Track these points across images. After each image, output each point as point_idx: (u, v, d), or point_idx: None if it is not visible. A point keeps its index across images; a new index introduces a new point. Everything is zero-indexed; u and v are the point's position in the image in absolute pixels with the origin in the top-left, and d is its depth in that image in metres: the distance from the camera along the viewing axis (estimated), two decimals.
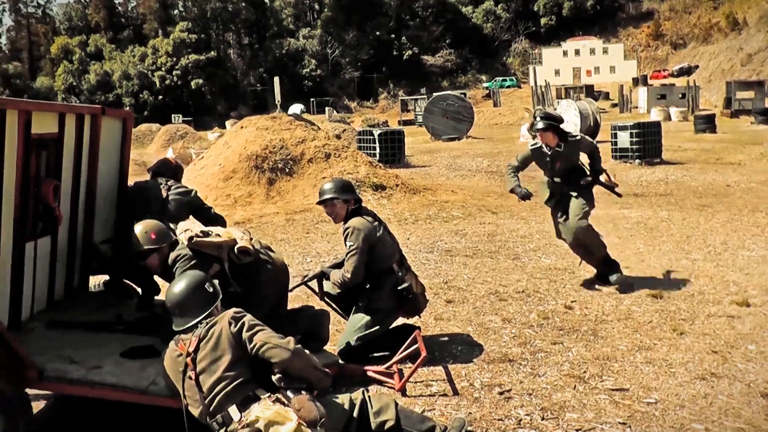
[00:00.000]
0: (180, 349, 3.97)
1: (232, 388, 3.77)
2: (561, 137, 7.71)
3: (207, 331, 3.92)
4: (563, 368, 5.54)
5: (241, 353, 3.85)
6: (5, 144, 4.46)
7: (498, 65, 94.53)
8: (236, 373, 3.81)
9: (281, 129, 16.44)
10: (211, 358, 3.85)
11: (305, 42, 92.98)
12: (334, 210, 5.90)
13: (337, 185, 5.96)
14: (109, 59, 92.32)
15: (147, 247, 5.05)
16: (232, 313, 3.98)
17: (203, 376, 3.84)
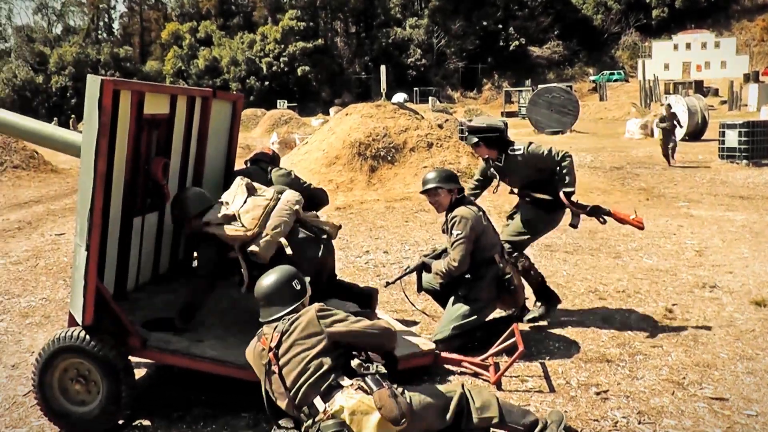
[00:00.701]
0: (263, 344, 4.03)
1: (315, 379, 3.80)
2: (499, 150, 6.45)
3: (290, 325, 3.98)
4: (662, 373, 5.39)
5: (326, 346, 3.88)
6: (118, 122, 4.65)
7: (606, 58, 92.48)
8: (318, 363, 3.83)
9: (385, 117, 16.51)
10: (294, 351, 3.89)
11: (411, 31, 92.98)
12: (438, 199, 5.89)
13: (441, 174, 5.93)
14: (218, 45, 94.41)
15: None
16: (318, 306, 4.04)
17: (286, 369, 3.88)
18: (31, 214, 14.40)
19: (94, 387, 4.54)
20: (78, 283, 4.39)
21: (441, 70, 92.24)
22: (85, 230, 4.27)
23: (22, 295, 8.17)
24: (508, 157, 6.36)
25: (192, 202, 5.06)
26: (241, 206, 4.94)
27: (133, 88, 4.82)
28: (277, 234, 4.88)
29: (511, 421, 3.97)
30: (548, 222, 6.63)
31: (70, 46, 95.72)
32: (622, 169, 20.19)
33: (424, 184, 5.94)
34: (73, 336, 4.45)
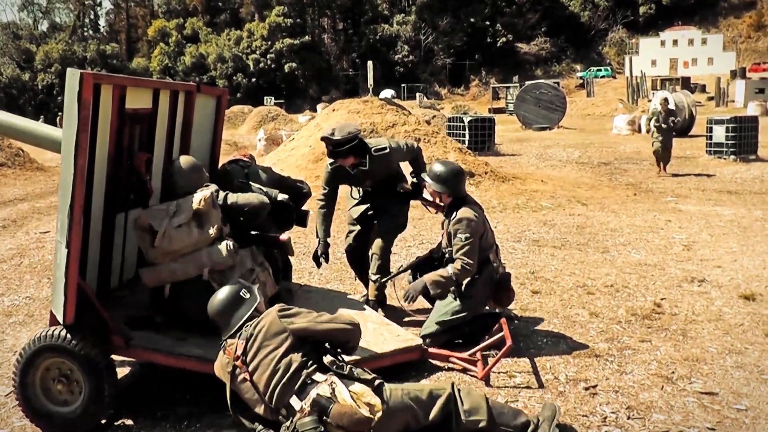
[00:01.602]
0: (228, 355, 3.99)
1: (287, 378, 3.76)
2: (361, 154, 6.25)
3: (253, 329, 3.95)
4: (651, 367, 5.37)
5: (292, 343, 3.86)
6: (99, 117, 4.57)
7: (593, 54, 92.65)
8: (287, 362, 3.80)
9: (372, 113, 16.44)
10: (261, 354, 3.86)
11: (399, 28, 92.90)
12: (435, 196, 5.87)
13: (439, 172, 5.82)
14: (204, 42, 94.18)
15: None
16: (279, 307, 4.02)
17: (257, 374, 3.85)
18: (16, 212, 14.27)
19: (77, 386, 4.47)
20: (59, 281, 4.31)
21: (428, 66, 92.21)
22: (65, 226, 4.19)
23: (6, 294, 8.08)
24: (373, 159, 6.24)
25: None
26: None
27: (114, 82, 4.75)
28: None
29: (502, 423, 3.92)
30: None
31: (57, 43, 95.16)
32: (609, 164, 20.23)
33: (428, 175, 5.81)
34: (54, 335, 4.38)
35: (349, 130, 6.02)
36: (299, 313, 3.99)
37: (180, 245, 4.65)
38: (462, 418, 3.84)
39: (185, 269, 4.68)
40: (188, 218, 4.68)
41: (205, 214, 4.72)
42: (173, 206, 4.76)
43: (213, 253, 4.66)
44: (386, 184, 6.48)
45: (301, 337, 3.89)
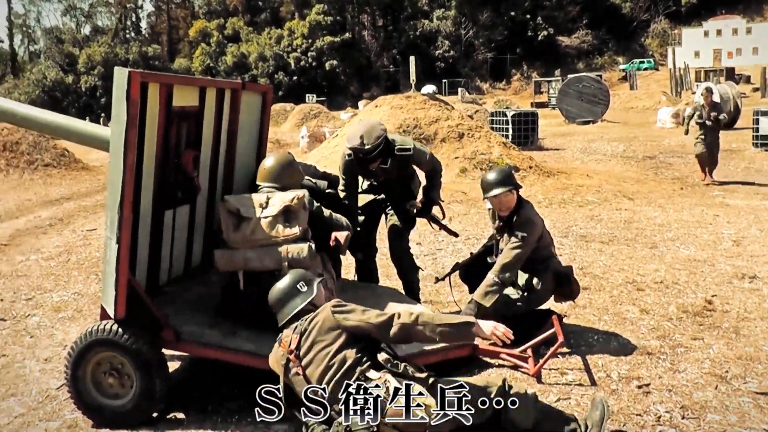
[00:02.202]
0: (282, 348, 4.01)
1: (341, 375, 3.74)
2: (387, 154, 6.02)
3: (308, 324, 3.95)
4: (704, 366, 5.27)
5: (346, 340, 3.83)
6: (147, 115, 4.62)
7: (635, 46, 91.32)
8: (341, 358, 3.78)
9: (415, 108, 16.44)
10: (315, 349, 3.85)
11: (439, 23, 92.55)
12: (506, 201, 5.73)
13: (506, 175, 5.79)
14: (245, 41, 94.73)
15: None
16: (334, 302, 4.00)
17: (310, 369, 3.84)
18: (63, 211, 14.51)
19: (128, 380, 4.54)
20: (109, 277, 4.37)
21: (469, 61, 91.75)
22: (115, 223, 4.25)
23: (54, 290, 8.23)
24: (394, 158, 6.07)
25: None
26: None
27: (161, 81, 4.80)
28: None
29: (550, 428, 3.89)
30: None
31: (99, 46, 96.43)
32: (654, 158, 19.96)
33: (494, 185, 5.70)
34: (105, 329, 4.45)
35: (376, 135, 5.85)
36: (354, 310, 3.95)
37: (263, 236, 4.69)
38: (511, 416, 3.81)
39: (261, 260, 4.68)
40: (278, 212, 4.73)
41: (294, 212, 4.76)
42: (264, 198, 4.82)
43: (294, 250, 4.67)
44: (400, 182, 6.37)
45: (355, 334, 3.87)
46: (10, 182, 19.42)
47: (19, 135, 21.16)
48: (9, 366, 5.94)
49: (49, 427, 4.74)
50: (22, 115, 5.27)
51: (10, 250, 10.73)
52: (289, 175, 5.21)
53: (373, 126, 5.95)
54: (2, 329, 6.95)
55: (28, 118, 5.27)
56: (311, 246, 4.69)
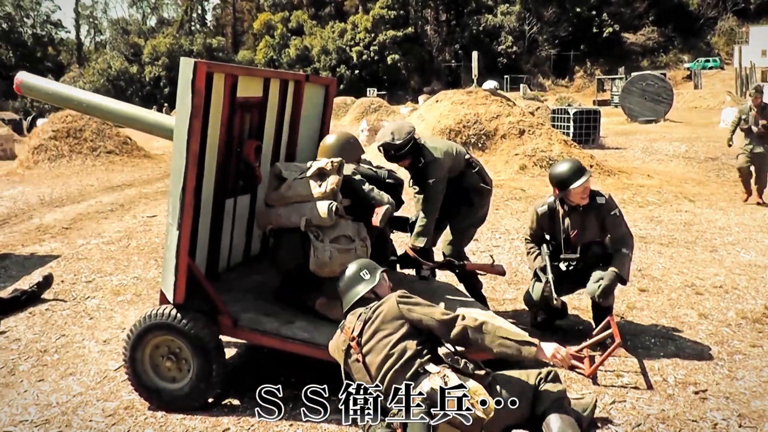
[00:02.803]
0: (345, 335, 4.04)
1: (400, 365, 3.75)
2: (417, 153, 5.88)
3: (372, 312, 3.97)
4: (763, 374, 5.16)
5: (408, 331, 3.84)
6: (211, 105, 4.69)
7: (701, 44, 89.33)
8: (402, 348, 3.79)
9: (476, 104, 16.34)
10: (377, 338, 3.87)
11: (503, 18, 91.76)
12: (589, 188, 5.70)
13: (579, 163, 5.76)
14: (309, 35, 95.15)
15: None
16: (400, 293, 4.01)
17: (370, 356, 3.86)
18: (124, 197, 14.80)
19: (185, 365, 4.62)
20: (169, 262, 4.46)
21: (532, 57, 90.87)
22: (177, 210, 4.32)
23: (114, 274, 8.40)
24: (420, 166, 5.88)
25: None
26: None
27: (226, 71, 4.87)
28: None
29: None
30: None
31: (164, 37, 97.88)
32: (717, 159, 19.50)
33: (580, 173, 5.62)
34: (164, 313, 4.53)
35: (407, 131, 5.77)
36: (419, 303, 3.96)
37: (293, 193, 4.81)
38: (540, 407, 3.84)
39: (289, 215, 4.81)
40: (312, 174, 4.84)
41: (326, 174, 4.85)
42: (307, 165, 4.95)
43: (315, 207, 4.76)
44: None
45: (417, 326, 3.88)
46: (73, 168, 19.88)
47: (83, 122, 21.62)
48: (68, 346, 6.10)
49: (106, 407, 4.84)
50: (88, 102, 5.39)
51: (71, 233, 10.98)
52: (348, 152, 5.28)
53: (403, 124, 5.90)
54: (62, 310, 7.12)
55: (94, 106, 5.40)
56: (333, 204, 4.74)
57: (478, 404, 3.52)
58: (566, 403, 3.89)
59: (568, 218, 5.80)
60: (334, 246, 4.78)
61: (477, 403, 3.52)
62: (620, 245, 5.68)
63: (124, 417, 4.67)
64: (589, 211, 5.73)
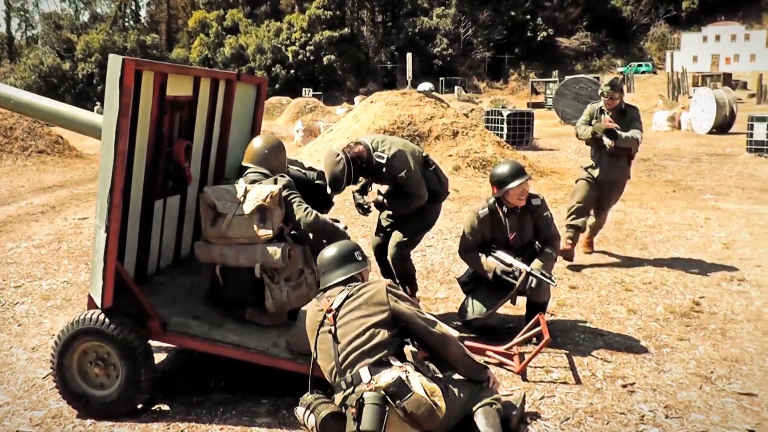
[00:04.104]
0: (323, 306, 4.05)
1: (368, 348, 3.80)
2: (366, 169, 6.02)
3: (357, 290, 4.00)
4: (689, 366, 5.30)
5: (387, 319, 3.90)
6: (140, 103, 4.60)
7: (634, 50, 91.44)
8: (375, 332, 3.85)
9: (410, 105, 16.39)
10: (354, 315, 3.91)
11: (438, 21, 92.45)
12: (527, 189, 5.77)
13: (519, 165, 5.82)
14: (244, 33, 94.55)
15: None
16: (390, 282, 4.09)
17: (342, 330, 3.89)
18: (55, 198, 14.44)
19: (113, 370, 4.51)
20: (97, 265, 4.35)
21: (467, 59, 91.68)
22: (105, 211, 4.23)
23: (44, 278, 8.18)
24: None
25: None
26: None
27: (156, 69, 4.77)
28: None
29: None
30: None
31: (97, 33, 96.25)
32: (648, 161, 19.92)
33: (519, 175, 5.68)
34: (92, 318, 4.42)
35: (336, 177, 5.79)
36: (406, 298, 4.05)
37: (237, 234, 4.70)
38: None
39: (237, 257, 4.72)
40: (252, 210, 4.70)
41: (270, 211, 4.72)
42: (241, 192, 4.79)
43: (267, 252, 4.67)
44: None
45: (397, 318, 3.93)
46: (3, 168, 19.33)
47: (14, 120, 21.04)
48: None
49: (33, 416, 4.70)
50: (16, 99, 5.24)
51: (0, 236, 10.67)
52: (276, 159, 5.18)
53: (329, 159, 5.87)
54: None
55: (23, 103, 5.25)
56: (285, 248, 4.68)
57: (434, 404, 3.61)
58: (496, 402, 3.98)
59: (507, 220, 5.85)
60: (289, 284, 4.76)
61: (433, 403, 3.61)
62: (547, 245, 5.82)
63: (52, 426, 4.54)
64: (526, 213, 5.82)
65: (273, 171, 5.05)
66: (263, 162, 5.09)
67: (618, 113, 8.49)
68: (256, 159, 5.13)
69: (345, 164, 5.82)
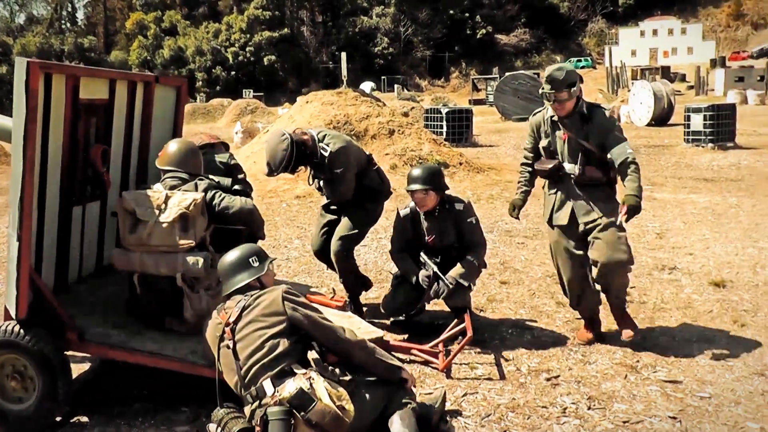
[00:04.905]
0: (221, 318, 3.94)
1: (269, 360, 3.70)
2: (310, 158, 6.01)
3: (253, 300, 3.88)
4: (615, 356, 5.35)
5: (285, 328, 3.79)
6: (51, 107, 4.48)
7: (573, 45, 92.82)
8: (274, 344, 3.74)
9: (346, 104, 16.35)
10: (252, 327, 3.79)
11: (378, 20, 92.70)
12: (421, 199, 5.75)
13: (430, 173, 5.78)
14: (183, 35, 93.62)
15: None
16: (286, 288, 3.95)
17: (242, 343, 3.78)
18: None
19: (31, 383, 4.37)
20: (11, 275, 4.23)
21: (408, 58, 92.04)
22: (17, 220, 4.10)
23: None
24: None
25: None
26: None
27: (67, 72, 4.66)
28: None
29: None
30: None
31: (34, 36, 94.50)
32: None
33: (415, 181, 5.72)
34: (6, 330, 4.29)
35: (280, 157, 5.78)
36: (305, 304, 3.94)
37: (159, 242, 4.51)
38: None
39: (157, 265, 4.53)
40: (174, 218, 4.51)
41: (191, 219, 4.54)
42: (162, 198, 4.58)
43: (188, 261, 4.50)
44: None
45: (295, 326, 3.83)
46: None
47: None
48: None
49: None
50: None
51: None
52: (194, 161, 5.00)
53: (276, 143, 5.83)
54: None
55: None
56: (208, 257, 4.54)
57: (339, 409, 3.53)
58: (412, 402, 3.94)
59: (426, 222, 5.85)
60: (209, 293, 4.60)
61: (339, 408, 3.53)
62: (470, 252, 5.79)
63: None
64: (446, 217, 5.82)
65: (191, 175, 4.90)
66: (181, 165, 4.90)
67: (579, 121, 5.61)
68: (174, 161, 4.91)
69: (289, 145, 5.76)
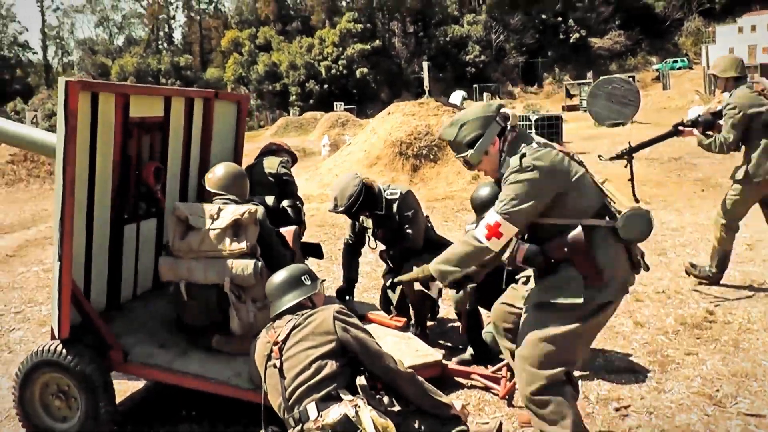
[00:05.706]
0: (270, 337, 3.83)
1: (315, 382, 3.55)
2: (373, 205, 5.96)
3: (304, 320, 3.77)
4: (693, 385, 4.93)
5: (334, 349, 3.64)
6: (98, 126, 4.47)
7: (669, 46, 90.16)
8: (321, 365, 3.59)
9: (428, 115, 16.24)
10: (300, 347, 3.67)
11: (469, 28, 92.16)
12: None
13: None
14: (277, 50, 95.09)
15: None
16: (338, 308, 3.82)
17: (289, 363, 3.65)
18: None
19: (74, 403, 4.36)
20: (55, 295, 4.22)
21: (500, 65, 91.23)
22: (57, 239, 4.09)
23: (45, 303, 8.12)
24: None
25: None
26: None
27: (115, 90, 4.65)
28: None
29: None
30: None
31: (131, 56, 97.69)
32: (680, 159, 19.46)
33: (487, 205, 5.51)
34: (50, 350, 4.29)
35: (349, 193, 5.68)
36: (357, 325, 3.80)
37: (209, 247, 4.45)
38: None
39: (205, 272, 4.44)
40: (227, 225, 4.47)
41: (244, 227, 4.50)
42: (215, 210, 4.56)
43: (239, 266, 4.42)
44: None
45: (346, 348, 3.69)
46: (30, 192, 19.53)
47: None
48: None
49: None
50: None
51: (14, 261, 10.69)
52: (242, 185, 4.99)
53: (346, 185, 5.74)
54: None
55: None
56: (258, 263, 4.44)
57: None
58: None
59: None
60: (256, 305, 4.51)
61: None
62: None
63: None
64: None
65: (239, 199, 4.85)
66: (228, 189, 4.86)
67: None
68: (221, 186, 4.89)
69: (360, 185, 5.71)
